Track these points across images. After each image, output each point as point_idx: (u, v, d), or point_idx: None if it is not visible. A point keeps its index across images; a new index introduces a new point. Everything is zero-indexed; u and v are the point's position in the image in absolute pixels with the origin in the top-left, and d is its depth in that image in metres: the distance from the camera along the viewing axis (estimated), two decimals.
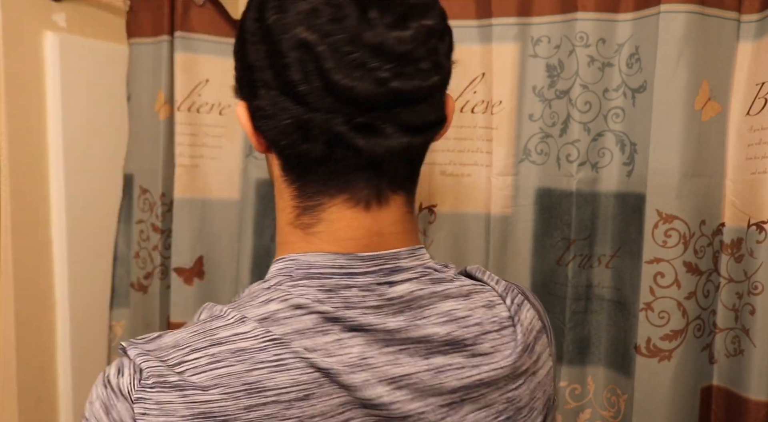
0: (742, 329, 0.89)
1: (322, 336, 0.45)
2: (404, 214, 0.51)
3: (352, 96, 0.44)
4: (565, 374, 1.00)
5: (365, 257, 0.48)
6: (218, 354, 0.43)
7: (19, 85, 1.07)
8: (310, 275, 0.47)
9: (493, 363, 0.49)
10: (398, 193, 0.50)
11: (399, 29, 0.45)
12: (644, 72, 0.91)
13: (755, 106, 0.87)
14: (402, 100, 0.45)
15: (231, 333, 0.44)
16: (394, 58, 0.44)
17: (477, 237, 1.04)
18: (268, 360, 0.43)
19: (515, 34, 0.98)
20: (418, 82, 0.46)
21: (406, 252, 0.50)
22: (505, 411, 0.50)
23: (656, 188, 0.89)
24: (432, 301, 0.49)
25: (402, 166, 0.49)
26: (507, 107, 1.00)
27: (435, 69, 0.47)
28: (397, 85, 0.45)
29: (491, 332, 0.50)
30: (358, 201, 0.48)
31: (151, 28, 1.21)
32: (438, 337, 0.48)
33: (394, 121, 0.46)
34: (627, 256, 0.95)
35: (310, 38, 0.44)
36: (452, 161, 1.04)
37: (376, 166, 0.47)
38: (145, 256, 1.26)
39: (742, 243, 0.89)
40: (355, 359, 0.45)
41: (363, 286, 0.47)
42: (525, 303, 0.53)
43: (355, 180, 0.47)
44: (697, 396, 0.93)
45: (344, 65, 0.44)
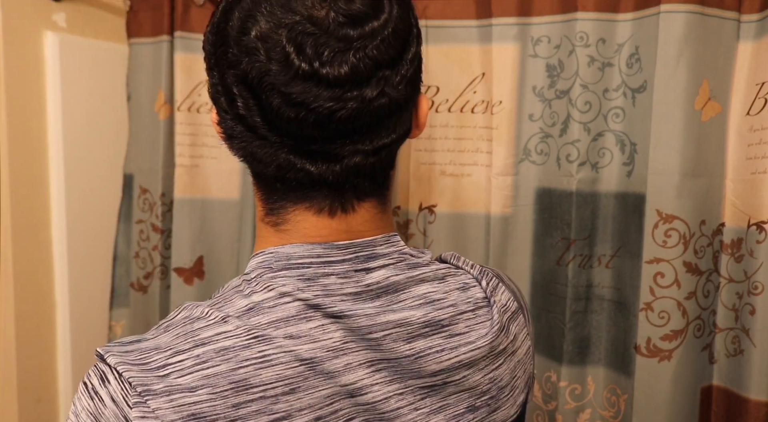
0: (742, 329, 0.89)
1: (306, 323, 0.46)
2: (375, 215, 0.51)
3: (297, 130, 0.45)
4: (565, 374, 1.00)
5: (341, 245, 0.49)
6: (203, 355, 0.44)
7: (19, 85, 1.07)
8: (289, 266, 0.48)
9: (471, 343, 0.50)
10: (366, 201, 0.50)
11: (337, 63, 0.44)
12: (644, 72, 0.91)
13: (755, 106, 0.87)
14: (348, 128, 0.46)
15: (213, 332, 0.45)
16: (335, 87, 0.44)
17: (477, 237, 1.04)
18: (252, 357, 0.44)
19: (515, 34, 0.98)
20: (361, 111, 0.45)
21: (381, 239, 0.51)
22: (488, 391, 0.52)
23: (656, 188, 0.89)
24: (408, 285, 0.50)
25: (363, 182, 0.49)
26: (507, 107, 1.00)
27: (381, 95, 0.46)
28: (341, 114, 0.45)
29: (466, 312, 0.51)
30: (321, 209, 0.49)
31: (151, 28, 1.21)
32: (415, 319, 0.49)
33: (345, 146, 0.46)
34: (627, 256, 0.95)
35: (249, 75, 0.45)
36: (452, 161, 1.04)
37: (332, 185, 0.48)
38: (145, 256, 1.26)
39: (742, 243, 0.89)
40: (338, 343, 0.46)
41: (341, 273, 0.48)
42: (500, 286, 0.54)
43: (314, 194, 0.49)
44: (697, 396, 0.93)
45: (284, 103, 0.44)
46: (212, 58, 0.48)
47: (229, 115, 0.48)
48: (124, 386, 0.43)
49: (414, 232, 1.07)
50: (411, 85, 0.49)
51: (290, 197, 0.49)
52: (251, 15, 0.45)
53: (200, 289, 1.20)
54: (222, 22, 0.47)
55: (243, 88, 0.46)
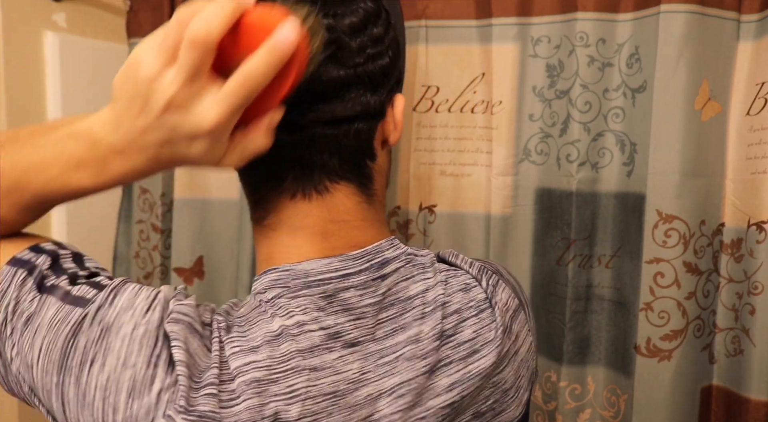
0: (742, 329, 0.89)
1: (329, 354, 0.45)
2: (358, 204, 0.49)
3: None
4: (565, 374, 1.00)
5: (356, 255, 0.48)
6: (237, 389, 0.43)
7: (19, 85, 1.07)
8: (309, 284, 0.46)
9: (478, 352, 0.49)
10: (341, 184, 0.48)
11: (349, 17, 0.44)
12: (644, 72, 0.91)
13: (755, 106, 0.87)
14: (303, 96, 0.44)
15: (243, 362, 0.43)
16: None
17: (477, 237, 1.04)
18: (281, 392, 0.43)
19: (515, 34, 0.98)
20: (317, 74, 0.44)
21: (386, 243, 0.50)
22: (492, 395, 0.51)
23: (656, 188, 0.89)
24: (418, 290, 0.50)
25: (331, 160, 0.47)
26: (507, 107, 1.00)
27: (335, 63, 0.45)
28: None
29: (470, 318, 0.50)
30: (295, 193, 0.48)
31: (151, 28, 1.21)
32: (425, 334, 0.48)
33: (305, 116, 0.45)
34: (627, 256, 0.95)
35: None
36: (452, 161, 1.04)
37: (300, 160, 0.47)
38: (145, 256, 1.26)
39: (742, 243, 0.89)
40: (357, 375, 0.45)
41: (359, 285, 0.47)
42: (500, 283, 0.53)
43: (283, 174, 0.47)
44: (697, 396, 0.93)
45: None
46: None
47: None
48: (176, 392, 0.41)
49: (414, 232, 1.07)
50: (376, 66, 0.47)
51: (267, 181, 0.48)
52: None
53: (200, 289, 1.20)
54: None
55: None
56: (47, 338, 0.43)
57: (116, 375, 0.41)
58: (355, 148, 0.49)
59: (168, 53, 0.39)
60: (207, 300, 0.51)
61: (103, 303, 0.43)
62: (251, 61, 0.39)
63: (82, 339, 0.42)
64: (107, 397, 0.41)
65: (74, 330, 0.43)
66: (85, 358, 0.42)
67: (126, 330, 0.42)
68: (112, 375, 0.41)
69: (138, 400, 0.41)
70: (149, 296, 0.44)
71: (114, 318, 0.43)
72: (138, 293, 0.44)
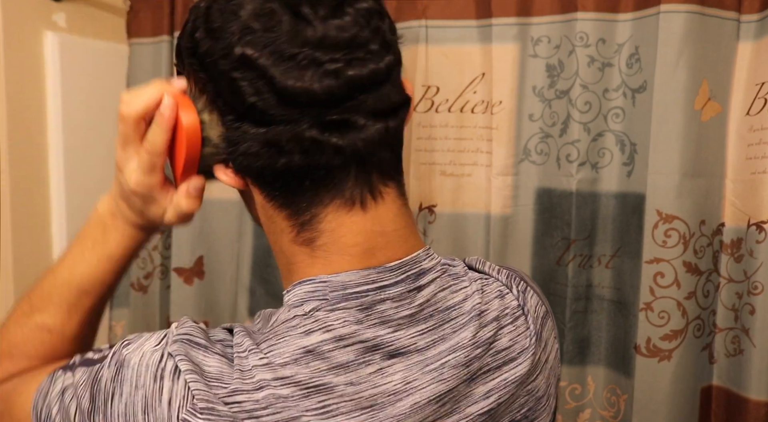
0: (742, 329, 0.89)
1: (365, 368, 0.44)
2: (400, 208, 0.49)
3: (311, 97, 0.43)
4: (565, 374, 1.00)
5: (393, 267, 0.47)
6: (263, 401, 0.42)
7: (19, 85, 1.07)
8: (347, 296, 0.45)
9: (515, 360, 0.49)
10: (389, 185, 0.48)
11: (337, 17, 0.44)
12: (644, 72, 0.91)
13: (755, 106, 0.87)
14: (363, 87, 0.44)
15: (272, 376, 0.43)
16: (340, 47, 0.43)
17: (477, 238, 1.04)
18: (312, 407, 0.43)
19: (515, 34, 0.98)
20: (373, 65, 0.44)
21: (423, 253, 0.49)
22: (526, 403, 0.51)
23: (656, 188, 0.89)
24: (456, 300, 0.49)
25: (385, 154, 0.47)
26: (507, 107, 1.00)
27: (385, 48, 0.45)
28: (353, 72, 0.43)
29: (507, 325, 0.50)
30: (353, 201, 0.46)
31: (151, 28, 1.21)
32: (467, 342, 0.48)
33: (363, 110, 0.44)
34: (627, 256, 0.95)
35: (248, 53, 0.43)
36: (452, 161, 1.04)
37: (360, 160, 0.45)
38: (145, 256, 1.26)
39: (741, 243, 0.89)
40: (400, 385, 0.45)
41: (395, 297, 0.46)
42: (528, 290, 0.53)
43: (344, 180, 0.46)
44: (697, 396, 0.93)
45: (292, 69, 0.42)
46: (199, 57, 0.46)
47: (232, 115, 0.45)
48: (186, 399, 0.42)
49: None
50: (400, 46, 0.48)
51: (320, 196, 0.46)
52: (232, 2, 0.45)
53: (200, 289, 1.20)
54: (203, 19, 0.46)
55: (245, 69, 0.43)
56: (78, 393, 0.46)
57: (132, 399, 0.43)
58: (401, 136, 0.49)
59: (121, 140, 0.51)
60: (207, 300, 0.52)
61: (117, 349, 0.46)
62: (149, 130, 0.49)
63: (103, 381, 0.45)
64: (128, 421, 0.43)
65: (97, 377, 0.46)
66: (107, 395, 0.44)
67: (135, 360, 0.44)
68: (129, 400, 0.43)
69: (152, 414, 0.42)
70: (160, 335, 0.46)
71: (126, 355, 0.45)
72: (151, 335, 0.47)
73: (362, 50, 0.44)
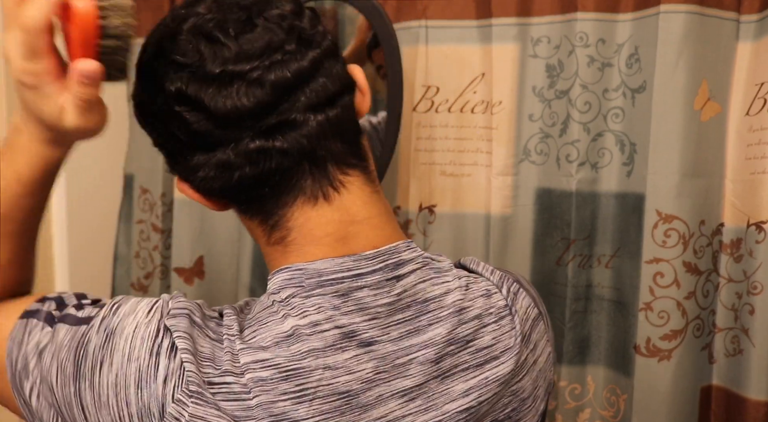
0: (742, 329, 0.89)
1: (342, 353, 0.45)
2: (369, 195, 0.50)
3: (243, 112, 0.45)
4: (565, 374, 1.00)
5: (370, 255, 0.48)
6: (247, 384, 0.43)
7: None
8: (322, 283, 0.46)
9: (497, 358, 0.49)
10: (351, 174, 0.49)
11: (247, 32, 0.45)
12: (644, 72, 0.91)
13: (755, 106, 0.87)
14: (290, 87, 0.45)
15: (252, 359, 0.44)
16: (257, 55, 0.45)
17: (477, 238, 1.04)
18: (290, 390, 0.43)
19: (515, 34, 0.98)
20: (295, 64, 0.46)
21: (402, 245, 0.50)
22: (510, 403, 0.51)
23: (656, 188, 0.89)
24: (436, 293, 0.49)
25: (335, 145, 0.48)
26: (507, 107, 1.00)
27: (305, 45, 0.47)
28: (275, 76, 0.45)
29: (490, 324, 0.50)
30: (316, 196, 0.48)
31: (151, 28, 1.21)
32: (441, 338, 0.48)
33: (297, 107, 0.46)
34: (627, 256, 0.95)
35: (178, 87, 0.46)
36: (452, 161, 1.04)
37: (309, 156, 0.47)
38: (145, 256, 1.26)
39: (741, 243, 0.89)
40: (371, 374, 0.45)
41: (373, 285, 0.47)
42: (521, 292, 0.53)
43: (301, 178, 0.47)
44: (697, 396, 0.93)
45: (219, 89, 0.44)
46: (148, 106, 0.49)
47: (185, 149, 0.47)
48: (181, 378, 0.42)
49: (414, 232, 1.07)
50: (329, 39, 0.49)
51: (283, 198, 0.48)
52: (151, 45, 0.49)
53: (200, 289, 1.20)
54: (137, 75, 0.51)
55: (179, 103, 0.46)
56: (61, 356, 0.45)
57: (123, 370, 0.43)
58: (349, 125, 0.50)
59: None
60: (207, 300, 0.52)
61: (107, 314, 0.46)
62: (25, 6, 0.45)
63: (90, 347, 0.44)
64: (119, 393, 0.43)
65: (83, 341, 0.45)
66: (95, 362, 0.44)
67: (129, 329, 0.44)
68: (120, 372, 0.43)
69: (146, 389, 0.42)
70: (150, 301, 0.46)
71: (118, 323, 0.45)
72: (140, 301, 0.47)
73: (279, 53, 0.45)
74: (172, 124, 0.47)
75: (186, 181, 0.51)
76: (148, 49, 0.50)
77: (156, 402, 0.42)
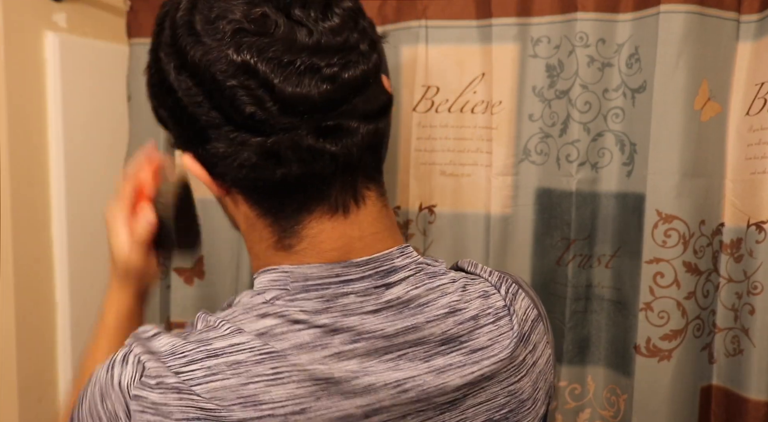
0: (742, 329, 0.89)
1: (321, 351, 0.44)
2: (380, 210, 0.49)
3: (310, 103, 0.42)
4: (565, 374, 1.00)
5: (360, 262, 0.47)
6: (215, 367, 0.43)
7: (19, 85, 1.07)
8: (308, 287, 0.46)
9: (492, 356, 0.49)
10: (371, 188, 0.48)
11: (328, 20, 0.43)
12: (644, 72, 0.91)
13: (755, 106, 0.87)
14: (356, 90, 0.44)
15: (226, 343, 0.44)
16: (336, 50, 0.43)
17: (477, 238, 1.04)
18: (264, 373, 0.43)
19: (515, 35, 0.98)
20: (363, 67, 0.44)
21: (396, 251, 0.49)
22: (507, 404, 0.50)
23: (656, 188, 0.89)
24: (430, 297, 0.49)
25: (369, 157, 0.47)
26: (507, 107, 1.00)
27: (372, 48, 0.46)
28: (348, 75, 0.43)
29: (487, 325, 0.49)
30: (337, 207, 0.46)
31: (151, 28, 1.20)
32: (434, 338, 0.47)
33: (355, 113, 0.44)
34: (627, 256, 0.95)
35: (246, 60, 0.41)
36: (452, 161, 1.04)
37: (349, 165, 0.45)
38: None
39: (741, 243, 0.89)
40: (356, 367, 0.45)
41: (360, 292, 0.46)
42: (519, 292, 0.52)
43: (331, 186, 0.46)
44: (697, 396, 0.93)
45: (291, 75, 0.42)
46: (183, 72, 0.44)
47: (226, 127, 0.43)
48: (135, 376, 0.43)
49: (414, 232, 1.07)
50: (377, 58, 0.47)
51: (308, 204, 0.46)
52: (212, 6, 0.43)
53: (200, 289, 1.20)
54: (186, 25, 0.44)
55: (244, 77, 0.42)
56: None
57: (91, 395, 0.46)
58: (386, 138, 0.49)
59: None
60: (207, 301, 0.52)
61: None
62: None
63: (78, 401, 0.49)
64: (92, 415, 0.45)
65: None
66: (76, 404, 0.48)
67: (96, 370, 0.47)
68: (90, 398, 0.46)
69: (108, 400, 0.44)
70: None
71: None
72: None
73: (355, 53, 0.44)
74: (217, 95, 0.43)
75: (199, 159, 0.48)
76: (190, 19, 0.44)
77: (121, 405, 0.43)
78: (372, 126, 0.45)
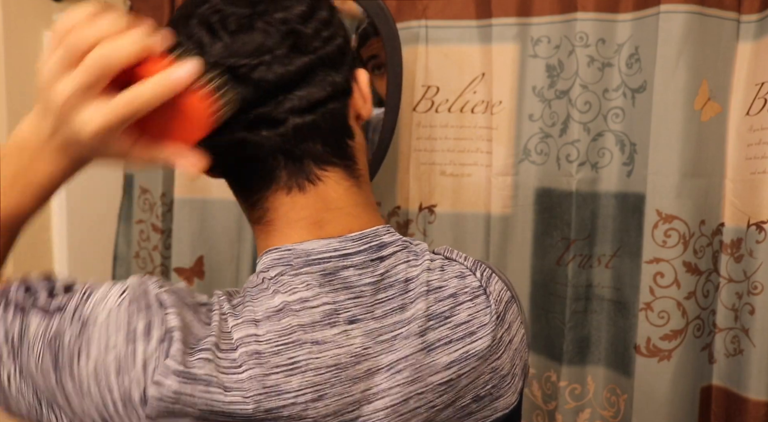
0: (742, 329, 0.89)
1: (330, 329, 0.47)
2: (348, 189, 0.52)
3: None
4: (565, 374, 1.00)
5: (354, 237, 0.51)
6: (238, 359, 0.44)
7: (19, 85, 1.08)
8: (310, 262, 0.49)
9: (475, 333, 0.52)
10: (330, 170, 0.51)
11: (244, 31, 0.48)
12: (644, 72, 0.91)
13: (755, 106, 0.87)
14: (272, 89, 0.48)
15: (245, 334, 0.45)
16: (245, 55, 0.47)
17: (477, 237, 1.04)
18: (282, 363, 0.45)
19: (515, 34, 0.98)
20: (280, 68, 0.47)
21: (383, 229, 0.53)
22: (491, 380, 0.53)
23: (656, 188, 0.89)
24: (413, 273, 0.52)
25: (315, 145, 0.50)
26: (507, 107, 1.00)
27: (296, 51, 0.48)
28: (257, 75, 0.47)
29: (465, 302, 0.53)
30: (290, 187, 0.50)
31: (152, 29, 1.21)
32: (421, 313, 0.50)
33: (282, 108, 0.48)
34: (627, 256, 0.95)
35: None
36: (452, 161, 1.04)
37: (286, 152, 0.49)
38: (145, 256, 1.26)
39: (741, 243, 0.89)
40: (359, 349, 0.48)
41: (358, 265, 0.50)
42: (493, 276, 0.56)
43: (276, 169, 0.50)
44: (697, 396, 0.93)
45: None
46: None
47: None
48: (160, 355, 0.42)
49: (414, 232, 1.07)
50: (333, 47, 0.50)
51: (260, 183, 0.51)
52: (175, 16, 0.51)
53: (200, 289, 1.20)
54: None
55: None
56: (36, 348, 0.45)
57: (102, 359, 0.43)
58: (334, 128, 0.51)
59: (65, 62, 0.43)
60: None
61: (78, 303, 0.46)
62: (140, 86, 0.43)
63: (65, 338, 0.44)
64: (100, 382, 0.43)
65: (57, 333, 0.45)
66: (71, 353, 0.44)
67: (101, 317, 0.44)
68: (99, 361, 0.43)
69: (126, 376, 0.43)
70: (123, 285, 0.47)
71: (90, 312, 0.45)
72: (111, 287, 0.47)
73: (267, 55, 0.47)
74: None
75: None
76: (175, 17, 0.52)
77: (137, 387, 0.42)
78: (300, 119, 0.49)
